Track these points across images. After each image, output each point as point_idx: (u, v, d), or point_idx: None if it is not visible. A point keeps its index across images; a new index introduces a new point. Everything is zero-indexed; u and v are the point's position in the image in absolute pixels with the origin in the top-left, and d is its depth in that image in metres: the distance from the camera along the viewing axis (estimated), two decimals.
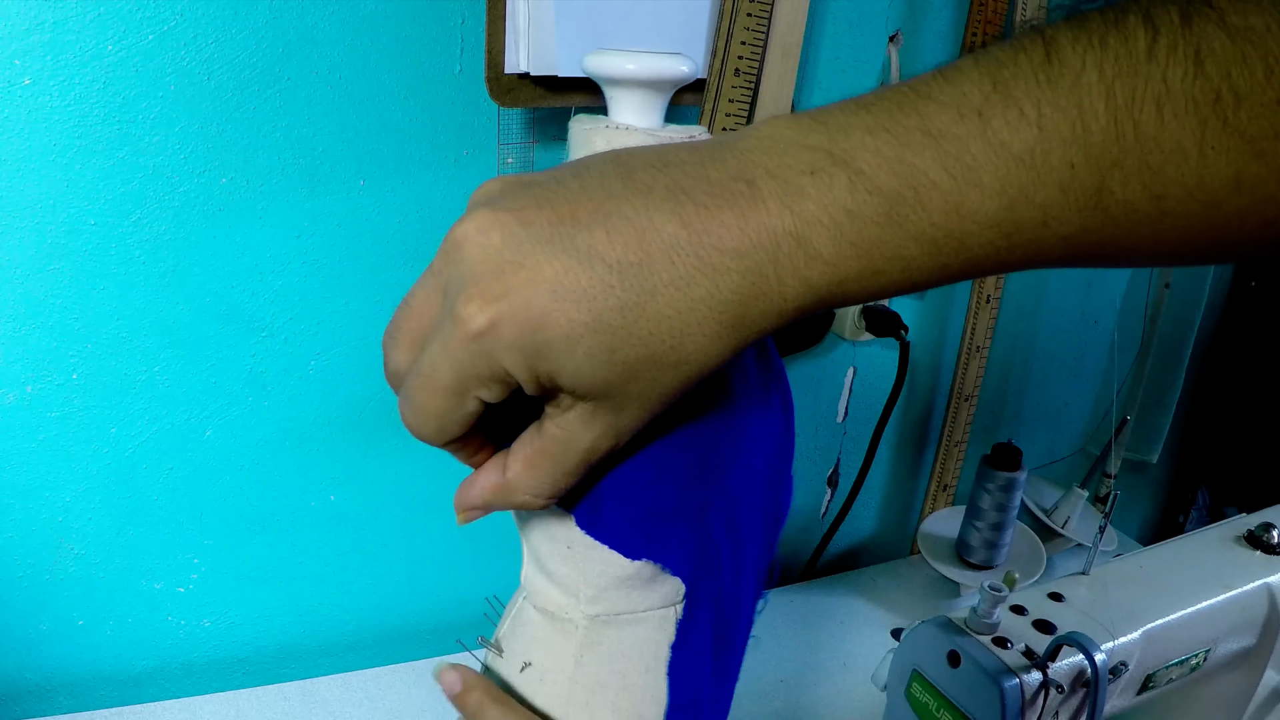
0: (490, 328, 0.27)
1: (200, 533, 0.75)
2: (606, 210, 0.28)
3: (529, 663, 0.40)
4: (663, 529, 0.37)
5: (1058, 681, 0.64)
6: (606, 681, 0.39)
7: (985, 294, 0.97)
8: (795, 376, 0.96)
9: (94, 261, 0.64)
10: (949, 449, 1.04)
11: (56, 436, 0.68)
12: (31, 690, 0.75)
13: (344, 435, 0.77)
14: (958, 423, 1.02)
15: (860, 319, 0.93)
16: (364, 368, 0.74)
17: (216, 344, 0.70)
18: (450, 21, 0.68)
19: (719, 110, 0.74)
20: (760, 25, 0.73)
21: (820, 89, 0.83)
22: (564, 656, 0.39)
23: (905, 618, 0.94)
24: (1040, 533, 1.02)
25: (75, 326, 0.66)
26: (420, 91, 0.69)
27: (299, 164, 0.67)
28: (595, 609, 0.38)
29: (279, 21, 0.63)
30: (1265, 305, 1.22)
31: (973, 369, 1.00)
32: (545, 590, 0.40)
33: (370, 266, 0.72)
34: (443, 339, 0.29)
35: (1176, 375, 1.18)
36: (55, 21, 0.58)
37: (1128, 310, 1.14)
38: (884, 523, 1.11)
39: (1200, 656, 0.72)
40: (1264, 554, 0.77)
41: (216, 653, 0.80)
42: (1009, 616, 0.69)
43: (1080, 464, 1.22)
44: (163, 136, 0.63)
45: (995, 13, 0.87)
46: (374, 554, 0.82)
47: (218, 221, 0.67)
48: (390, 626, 0.86)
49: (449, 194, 0.72)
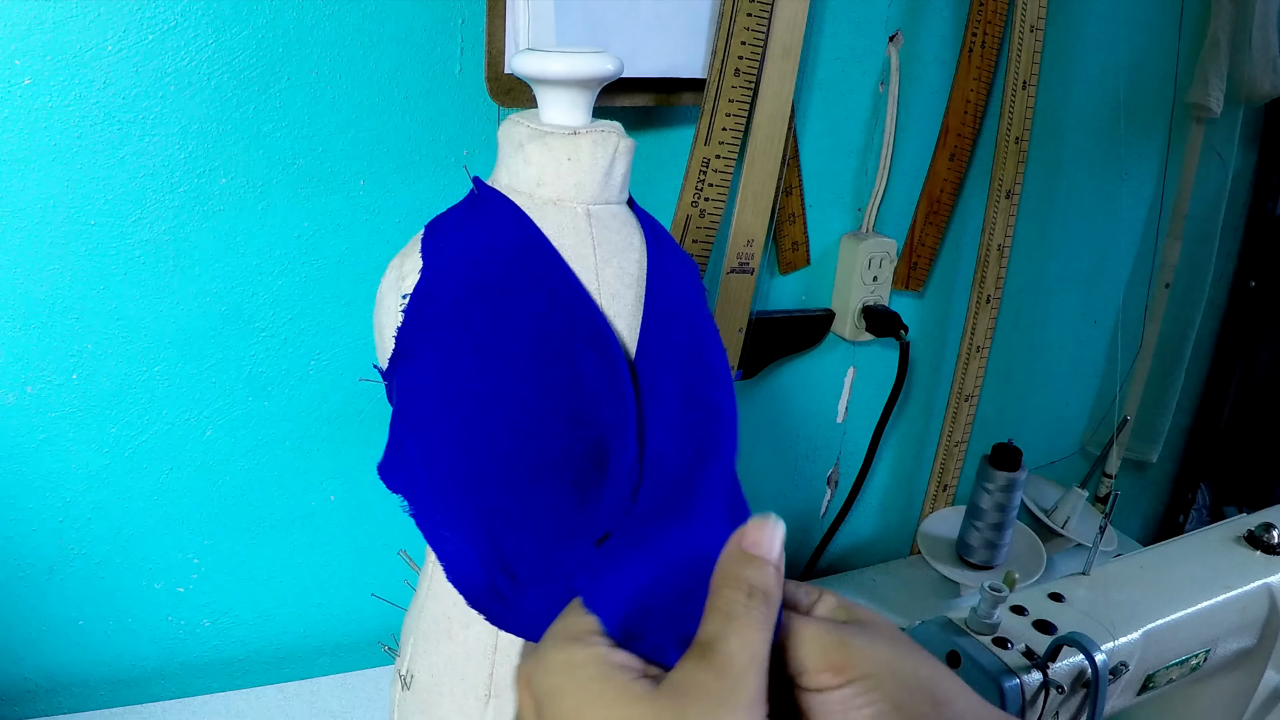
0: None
1: (200, 533, 0.75)
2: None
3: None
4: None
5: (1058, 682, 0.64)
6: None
7: (985, 294, 0.97)
8: (795, 376, 0.96)
9: (94, 261, 0.64)
10: (949, 449, 1.04)
11: (56, 436, 0.68)
12: (31, 690, 0.75)
13: (344, 435, 0.77)
14: (958, 423, 1.02)
15: (860, 319, 0.93)
16: (364, 368, 0.74)
17: (216, 344, 0.70)
18: (450, 22, 0.68)
19: (719, 110, 0.74)
20: (760, 25, 0.73)
21: (820, 89, 0.83)
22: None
23: (905, 618, 0.94)
24: (1040, 533, 1.02)
25: (75, 326, 0.66)
26: (420, 91, 0.69)
27: (299, 164, 0.67)
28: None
29: (279, 21, 0.63)
30: (1265, 305, 1.22)
31: (973, 369, 1.00)
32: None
33: (370, 267, 0.72)
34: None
35: (1176, 375, 1.19)
36: (55, 21, 0.58)
37: (1128, 310, 1.14)
38: (884, 523, 1.11)
39: (1200, 656, 0.72)
40: (1264, 554, 0.77)
41: (216, 653, 0.80)
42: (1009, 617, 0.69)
43: (1080, 464, 1.22)
44: (163, 136, 0.63)
45: (995, 13, 0.87)
46: (374, 554, 0.82)
47: (218, 221, 0.67)
48: (390, 626, 0.86)
49: (449, 194, 0.72)
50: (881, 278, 0.92)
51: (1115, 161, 1.05)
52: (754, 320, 0.87)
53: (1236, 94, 1.04)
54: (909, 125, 0.90)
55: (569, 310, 0.40)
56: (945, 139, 0.91)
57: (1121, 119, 1.01)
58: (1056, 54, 0.95)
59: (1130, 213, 1.11)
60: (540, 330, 0.39)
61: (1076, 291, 1.11)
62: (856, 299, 0.92)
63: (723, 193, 0.77)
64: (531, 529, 0.37)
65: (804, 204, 0.87)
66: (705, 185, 0.76)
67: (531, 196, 0.42)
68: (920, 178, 0.93)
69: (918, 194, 0.94)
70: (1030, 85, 0.90)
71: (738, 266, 0.82)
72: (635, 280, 0.43)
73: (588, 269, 0.42)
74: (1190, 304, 1.16)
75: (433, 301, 0.40)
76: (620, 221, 0.43)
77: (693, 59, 0.74)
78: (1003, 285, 0.98)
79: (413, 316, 0.40)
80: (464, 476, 0.37)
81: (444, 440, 0.38)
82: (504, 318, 0.39)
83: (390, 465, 0.38)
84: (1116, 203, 1.08)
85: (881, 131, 0.88)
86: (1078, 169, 1.03)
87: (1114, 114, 1.01)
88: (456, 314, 0.39)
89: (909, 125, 0.90)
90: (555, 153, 0.42)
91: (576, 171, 0.42)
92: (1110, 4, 0.97)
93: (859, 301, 0.92)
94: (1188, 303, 1.16)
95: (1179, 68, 1.02)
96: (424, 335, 0.40)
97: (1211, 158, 1.10)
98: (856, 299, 0.92)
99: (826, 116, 0.85)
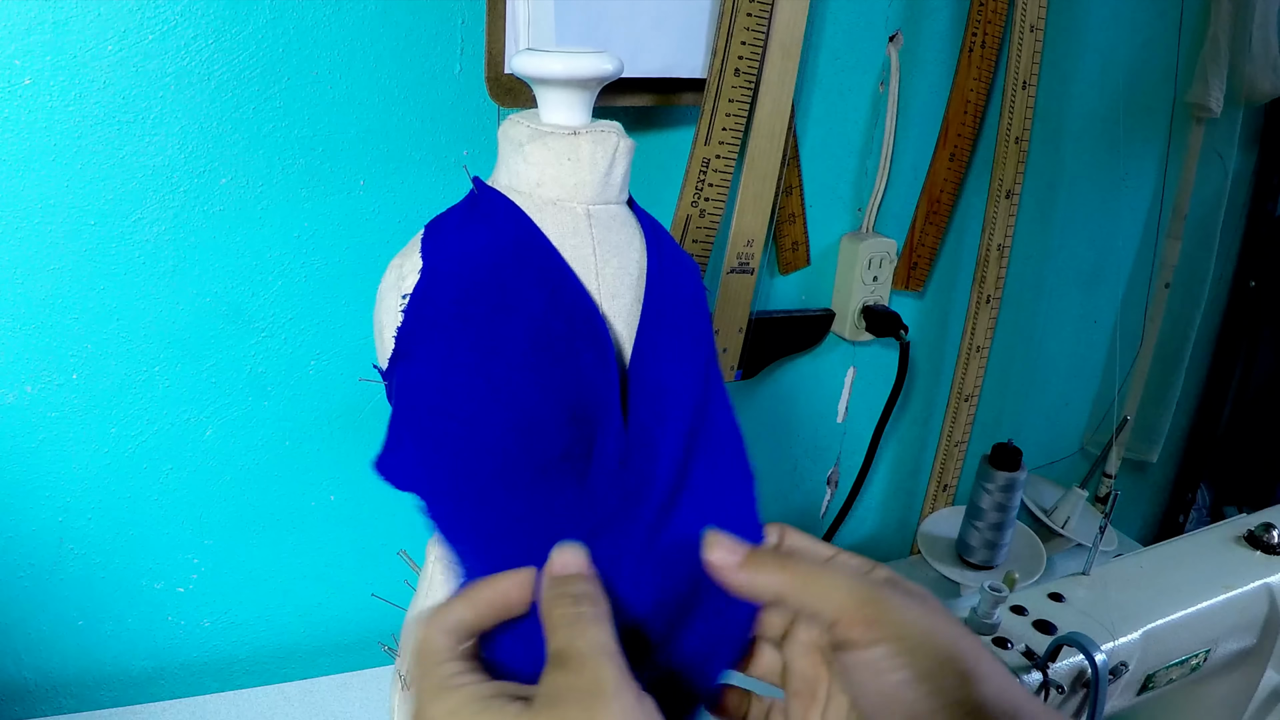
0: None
1: (200, 533, 0.75)
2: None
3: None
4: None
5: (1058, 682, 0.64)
6: None
7: (985, 294, 0.97)
8: (795, 376, 0.96)
9: (94, 261, 0.64)
10: (949, 449, 1.04)
11: (56, 436, 0.68)
12: (31, 690, 0.75)
13: (344, 435, 0.77)
14: (958, 423, 1.02)
15: (860, 319, 0.93)
16: (364, 368, 0.74)
17: (216, 344, 0.70)
18: (450, 21, 0.68)
19: (719, 110, 0.74)
20: (760, 25, 0.73)
21: (820, 89, 0.83)
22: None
23: None
24: (1040, 533, 1.02)
25: (75, 326, 0.66)
26: (420, 91, 0.69)
27: (299, 164, 0.67)
28: None
29: (279, 21, 0.63)
30: (1265, 305, 1.22)
31: (973, 369, 1.00)
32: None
33: (370, 267, 0.72)
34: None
35: (1176, 375, 1.19)
36: (55, 21, 0.58)
37: (1128, 310, 1.14)
38: (884, 523, 1.11)
39: (1200, 657, 0.72)
40: (1264, 554, 0.77)
41: (216, 653, 0.80)
42: (1009, 617, 0.69)
43: (1080, 464, 1.22)
44: (163, 136, 0.63)
45: (995, 13, 0.87)
46: (374, 554, 0.82)
47: (218, 221, 0.67)
48: (390, 626, 0.86)
49: (449, 194, 0.72)
50: (881, 278, 0.92)
51: (1115, 161, 1.05)
52: (754, 320, 0.87)
53: (1236, 94, 1.04)
54: (909, 125, 0.90)
55: (569, 310, 0.40)
56: (945, 139, 0.91)
57: (1121, 119, 1.01)
58: (1056, 54, 0.95)
59: (1130, 213, 1.11)
60: (540, 330, 0.39)
61: (1076, 291, 1.11)
62: (856, 299, 0.92)
63: (723, 193, 0.77)
64: (529, 529, 0.37)
65: (804, 204, 0.87)
66: (705, 185, 0.76)
67: (531, 196, 0.42)
68: (920, 178, 0.93)
69: (918, 194, 0.94)
70: (1030, 85, 0.90)
71: (738, 266, 0.82)
72: (635, 281, 0.43)
73: (588, 269, 0.42)
74: (1190, 304, 1.16)
75: (433, 301, 0.40)
76: (620, 222, 0.43)
77: (693, 59, 0.74)
78: (1003, 285, 0.98)
79: (413, 316, 0.40)
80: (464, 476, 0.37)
81: (443, 440, 0.38)
82: (504, 318, 0.39)
83: (387, 462, 0.38)
84: (1116, 203, 1.08)
85: (881, 131, 0.88)
86: (1078, 169, 1.03)
87: (1114, 114, 1.01)
88: (457, 314, 0.39)
89: (909, 125, 0.90)
90: (555, 153, 0.42)
91: (576, 171, 0.42)
92: (1110, 4, 0.97)
93: (859, 301, 0.92)
94: (1188, 303, 1.16)
95: (1179, 68, 1.02)
96: (424, 335, 0.40)
97: (1211, 158, 1.10)
98: (856, 299, 0.92)
99: (826, 116, 0.85)
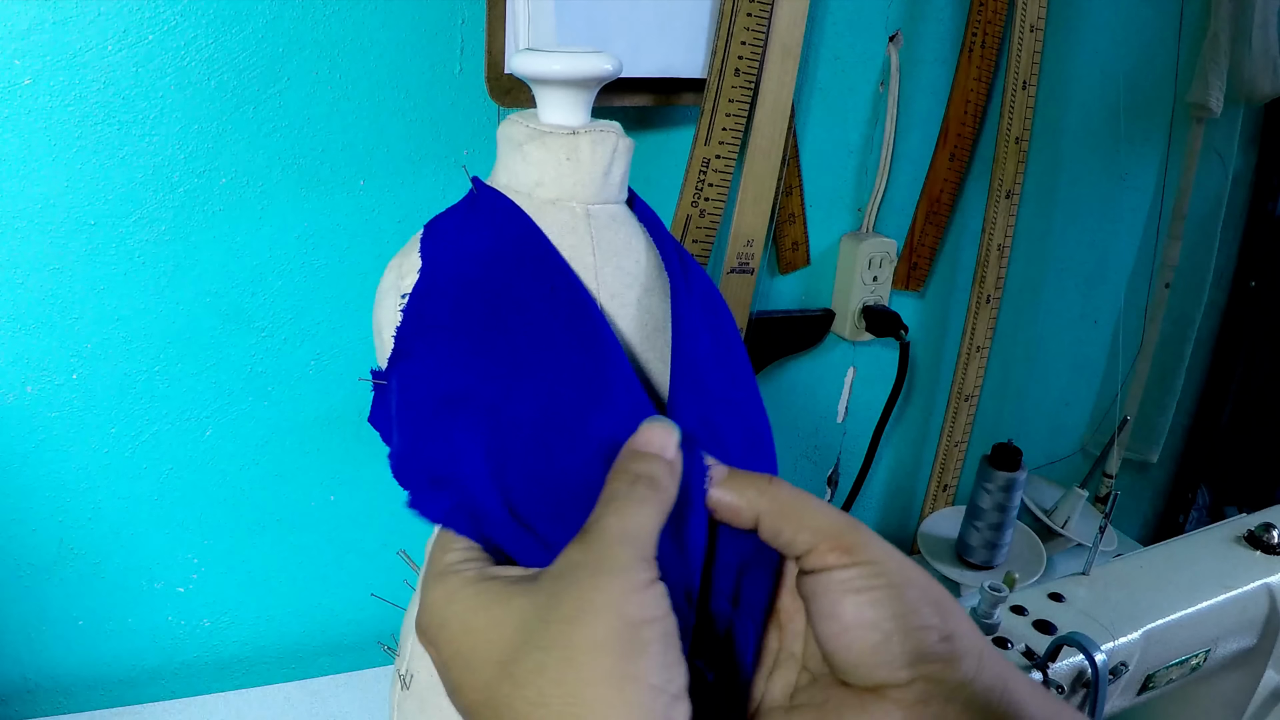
0: None
1: (200, 533, 0.75)
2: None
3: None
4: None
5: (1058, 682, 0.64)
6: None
7: (985, 294, 0.97)
8: (795, 376, 0.96)
9: (94, 261, 0.64)
10: (949, 449, 1.04)
11: (56, 436, 0.68)
12: (31, 690, 0.75)
13: (344, 435, 0.77)
14: (958, 423, 1.02)
15: (860, 319, 0.93)
16: (364, 368, 0.74)
17: (216, 344, 0.70)
18: (450, 21, 0.68)
19: (719, 110, 0.74)
20: (760, 25, 0.73)
21: (820, 89, 0.83)
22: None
23: None
24: (1040, 533, 1.02)
25: (75, 326, 0.66)
26: (420, 92, 0.69)
27: (299, 164, 0.67)
28: None
29: (279, 21, 0.63)
30: (1265, 305, 1.22)
31: (973, 369, 1.00)
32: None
33: (370, 267, 0.72)
34: None
35: (1176, 375, 1.18)
36: (55, 21, 0.58)
37: (1128, 310, 1.14)
38: (884, 523, 1.11)
39: (1200, 656, 0.72)
40: (1264, 554, 0.77)
41: (216, 653, 0.80)
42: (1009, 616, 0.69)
43: (1080, 464, 1.22)
44: (163, 136, 0.63)
45: (995, 13, 0.87)
46: (374, 554, 0.82)
47: (218, 221, 0.67)
48: (390, 626, 0.86)
49: (449, 194, 0.72)
50: (881, 278, 0.92)
51: (1115, 161, 1.05)
52: (754, 320, 0.87)
53: (1236, 94, 1.04)
54: (909, 125, 0.90)
55: (569, 310, 0.40)
56: (945, 139, 0.91)
57: (1121, 119, 1.01)
58: (1056, 54, 0.95)
59: (1130, 213, 1.11)
60: (540, 329, 0.39)
61: (1076, 291, 1.11)
62: (856, 299, 0.92)
63: (723, 193, 0.77)
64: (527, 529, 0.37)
65: (804, 204, 0.87)
66: (705, 185, 0.76)
67: (530, 196, 0.42)
68: (920, 178, 0.93)
69: (918, 194, 0.94)
70: (1030, 85, 0.90)
71: (738, 266, 0.82)
72: (635, 280, 0.43)
73: (587, 269, 0.42)
74: (1190, 304, 1.16)
75: (432, 301, 0.40)
76: (619, 221, 0.43)
77: (693, 59, 0.74)
78: (1003, 285, 0.98)
79: (412, 316, 0.40)
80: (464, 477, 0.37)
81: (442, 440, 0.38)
82: (504, 317, 0.39)
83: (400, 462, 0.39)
84: (1116, 203, 1.08)
85: (881, 131, 0.88)
86: (1078, 169, 1.03)
87: (1114, 114, 1.01)
88: (456, 314, 0.39)
89: (909, 125, 0.90)
90: (554, 152, 0.42)
91: (575, 171, 0.42)
92: (1110, 4, 0.97)
93: (859, 301, 0.92)
94: (1188, 303, 1.16)
95: (1179, 68, 1.02)
96: (423, 335, 0.40)
97: (1211, 158, 1.10)
98: (856, 299, 0.92)
99: (826, 116, 0.85)
